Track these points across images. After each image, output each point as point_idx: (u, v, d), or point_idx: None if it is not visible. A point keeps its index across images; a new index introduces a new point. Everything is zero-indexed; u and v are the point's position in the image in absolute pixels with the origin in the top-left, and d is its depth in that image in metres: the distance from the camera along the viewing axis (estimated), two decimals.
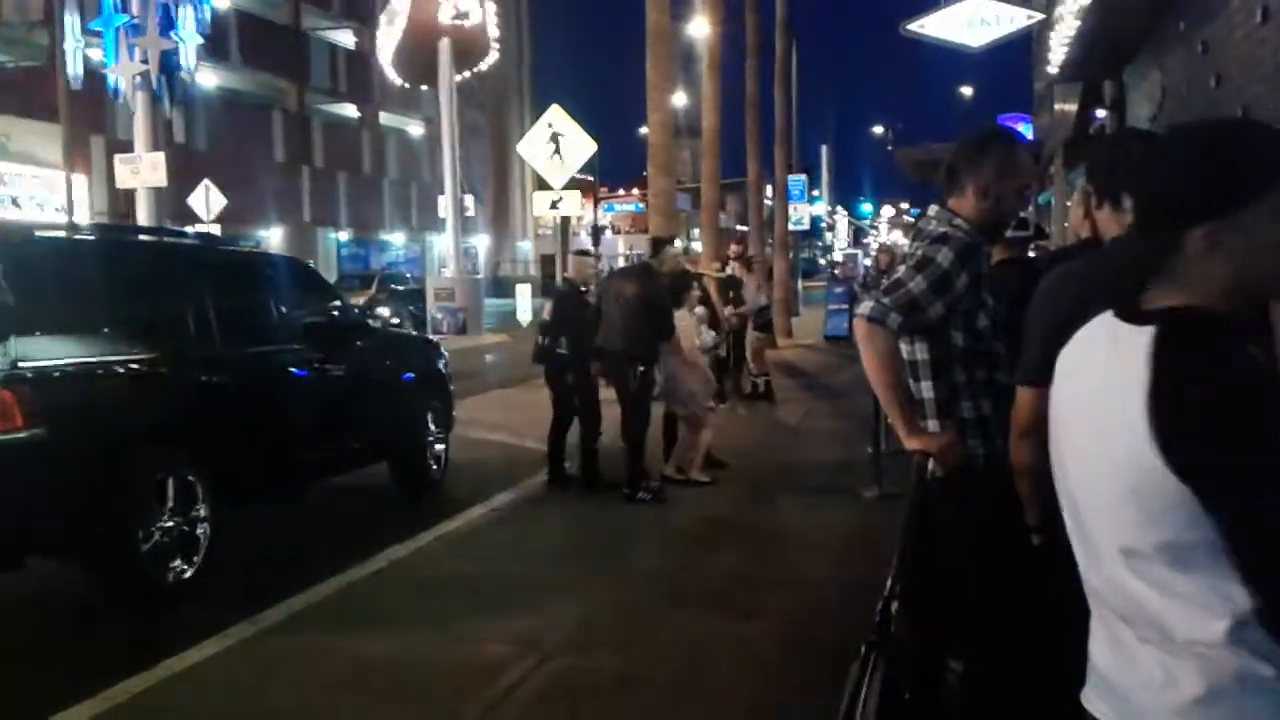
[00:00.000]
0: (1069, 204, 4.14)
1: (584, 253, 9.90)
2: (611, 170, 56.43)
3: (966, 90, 51.34)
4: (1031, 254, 4.97)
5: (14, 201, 24.65)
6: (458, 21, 25.75)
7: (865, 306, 3.12)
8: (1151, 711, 1.45)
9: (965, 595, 3.13)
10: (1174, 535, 1.38)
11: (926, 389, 3.21)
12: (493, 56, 28.35)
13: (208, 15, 16.14)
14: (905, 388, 3.18)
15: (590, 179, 41.94)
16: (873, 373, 3.11)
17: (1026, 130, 19.99)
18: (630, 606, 5.59)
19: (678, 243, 10.73)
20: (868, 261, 11.37)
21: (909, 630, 3.21)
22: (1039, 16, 14.55)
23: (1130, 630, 1.48)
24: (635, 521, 7.48)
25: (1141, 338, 1.43)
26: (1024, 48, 19.81)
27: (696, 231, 32.66)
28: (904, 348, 3.22)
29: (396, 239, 46.80)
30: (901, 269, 3.23)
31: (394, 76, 28.32)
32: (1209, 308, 1.45)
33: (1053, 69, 11.78)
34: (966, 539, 3.14)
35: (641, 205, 53.57)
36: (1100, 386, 1.47)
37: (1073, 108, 14.29)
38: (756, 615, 5.37)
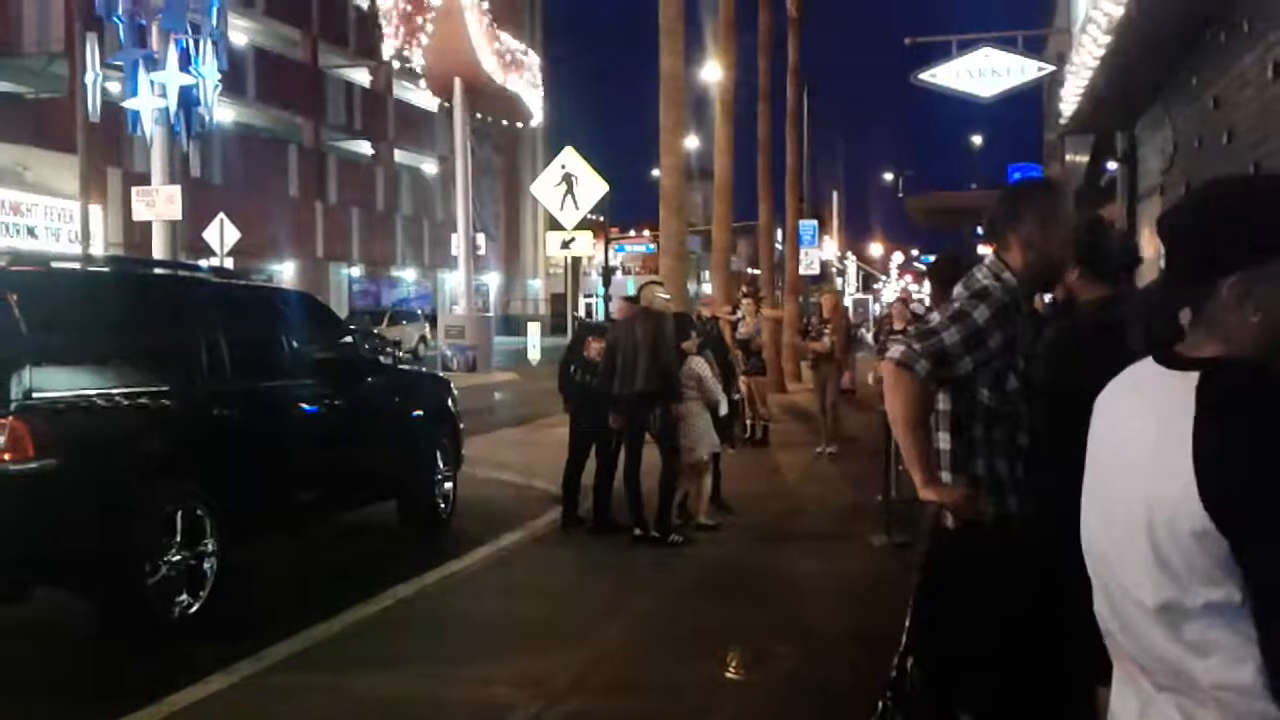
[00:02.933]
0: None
1: (631, 299, 9.68)
2: (623, 211, 56.69)
3: (977, 139, 51.67)
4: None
5: (30, 231, 24.81)
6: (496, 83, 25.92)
7: (896, 351, 3.08)
8: None
9: (974, 651, 3.11)
10: (1214, 587, 1.37)
11: (944, 440, 3.19)
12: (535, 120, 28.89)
13: (226, 52, 16.32)
14: (928, 436, 3.15)
15: (601, 219, 42.16)
16: (896, 418, 3.08)
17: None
18: (638, 651, 5.55)
19: (690, 284, 10.77)
20: (878, 308, 11.29)
21: (925, 687, 3.19)
22: (1050, 69, 14.66)
23: (1148, 679, 1.47)
24: (644, 565, 7.44)
25: (1185, 383, 1.43)
26: (1035, 98, 19.96)
27: (707, 274, 32.73)
28: None
29: (408, 275, 46.99)
30: (936, 316, 3.22)
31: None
32: (1248, 357, 1.46)
33: (1064, 120, 11.84)
34: (973, 596, 3.12)
35: (652, 246, 53.77)
36: (1140, 432, 1.47)
37: (1084, 159, 14.37)
38: (764, 663, 5.32)
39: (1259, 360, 1.45)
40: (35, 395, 5.22)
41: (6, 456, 5.04)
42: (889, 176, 64.33)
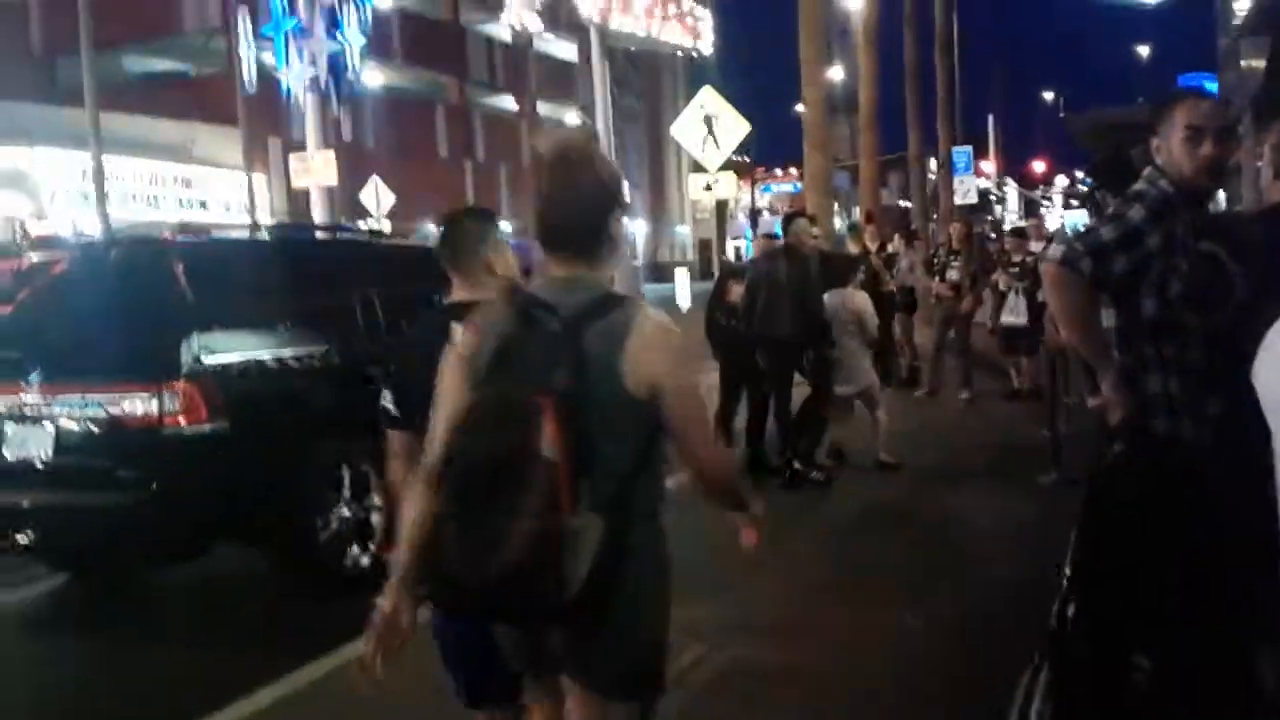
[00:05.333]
0: (1259, 165, 3.86)
1: (771, 236, 9.64)
2: (768, 150, 55.85)
3: (1143, 49, 48.63)
4: None
5: (202, 204, 26.12)
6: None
7: (1055, 250, 3.01)
8: None
9: (1147, 586, 2.92)
10: None
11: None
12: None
13: (369, 16, 16.68)
14: (1102, 332, 3.02)
15: (747, 159, 41.65)
16: (1065, 319, 3.01)
17: (1212, 88, 18.80)
18: (794, 597, 5.48)
19: (837, 220, 10.53)
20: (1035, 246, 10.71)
21: (1087, 632, 3.02)
22: None
23: None
24: (799, 508, 7.34)
25: None
26: (1206, 1, 18.62)
27: (857, 210, 31.99)
28: None
29: None
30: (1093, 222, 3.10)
31: None
32: None
33: (1238, 22, 10.98)
34: (1145, 525, 2.93)
35: (799, 185, 52.97)
36: None
37: (1261, 63, 13.34)
38: (924, 607, 5.19)
39: None
40: (204, 360, 5.46)
41: (181, 419, 5.30)
42: (1049, 95, 61.34)
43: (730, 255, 46.20)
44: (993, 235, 27.14)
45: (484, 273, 2.99)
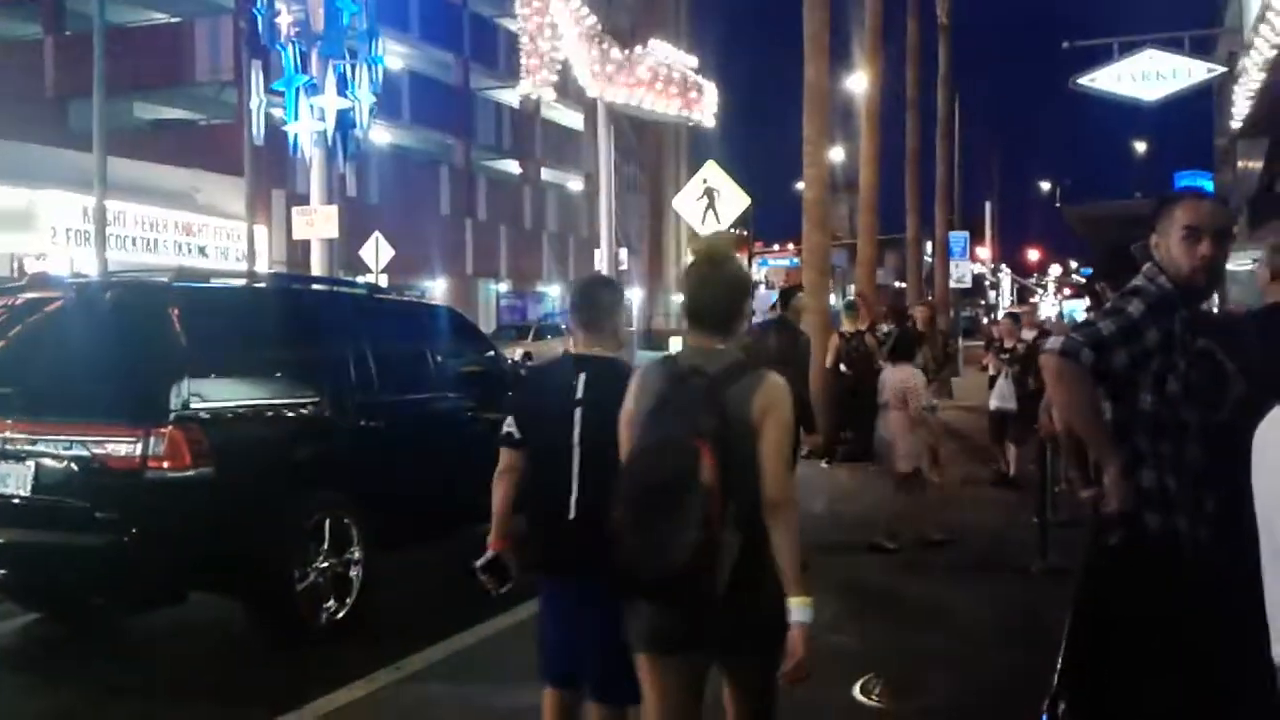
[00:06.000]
0: (1253, 266, 3.93)
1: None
2: (767, 224, 56.40)
3: (1140, 145, 49.40)
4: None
5: (201, 250, 26.19)
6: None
7: (1055, 341, 3.04)
8: None
9: (1141, 685, 2.88)
10: None
11: None
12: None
13: (381, 76, 16.90)
14: (1105, 422, 3.01)
15: (745, 233, 42.00)
16: (1068, 407, 3.02)
17: (1208, 186, 19.08)
18: None
19: (832, 297, 10.56)
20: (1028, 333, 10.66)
21: None
22: (1220, 70, 13.90)
23: None
24: None
25: None
26: (1203, 101, 18.97)
27: (851, 288, 32.22)
28: None
29: (553, 291, 47.78)
30: (1091, 314, 3.12)
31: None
32: None
33: (1236, 123, 11.17)
34: (1139, 623, 2.90)
35: (796, 260, 53.37)
36: None
37: (1258, 164, 13.55)
38: (910, 695, 5.10)
39: None
40: (193, 405, 5.43)
41: (165, 464, 5.26)
42: (1046, 185, 62.11)
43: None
44: (984, 319, 27.18)
45: (609, 335, 3.64)
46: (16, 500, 5.45)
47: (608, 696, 3.43)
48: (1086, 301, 24.31)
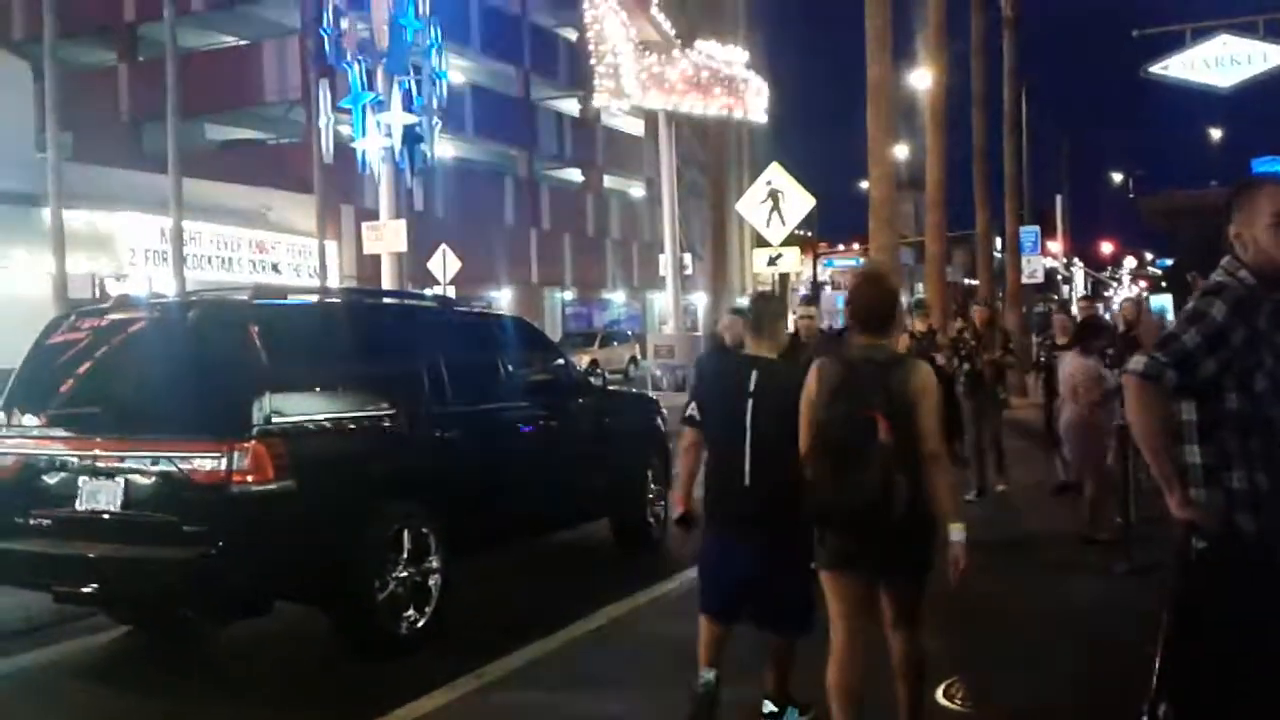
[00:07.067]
0: None
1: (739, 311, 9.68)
2: (832, 224, 55.86)
3: (1216, 133, 48.12)
4: None
5: (274, 267, 26.74)
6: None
7: (1138, 362, 2.93)
8: None
9: (1245, 692, 2.80)
10: None
11: (1193, 453, 2.94)
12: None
13: (445, 91, 17.12)
14: (1169, 453, 2.95)
15: (809, 234, 41.72)
16: (1143, 434, 2.93)
17: None
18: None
19: (902, 296, 10.28)
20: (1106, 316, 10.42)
21: None
22: None
23: None
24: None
25: None
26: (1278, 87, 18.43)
27: (920, 286, 31.84)
28: None
29: (618, 297, 47.90)
30: (1172, 321, 3.02)
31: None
32: None
33: None
34: (1239, 629, 2.82)
35: (862, 260, 52.85)
36: None
37: None
38: (994, 698, 5.02)
39: None
40: (274, 420, 5.54)
41: (250, 478, 5.37)
42: (1118, 176, 60.79)
43: (790, 328, 46.00)
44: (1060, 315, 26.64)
45: (772, 338, 4.57)
46: (107, 516, 5.61)
47: (783, 629, 4.42)
48: (1170, 297, 23.69)
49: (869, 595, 3.93)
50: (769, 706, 4.55)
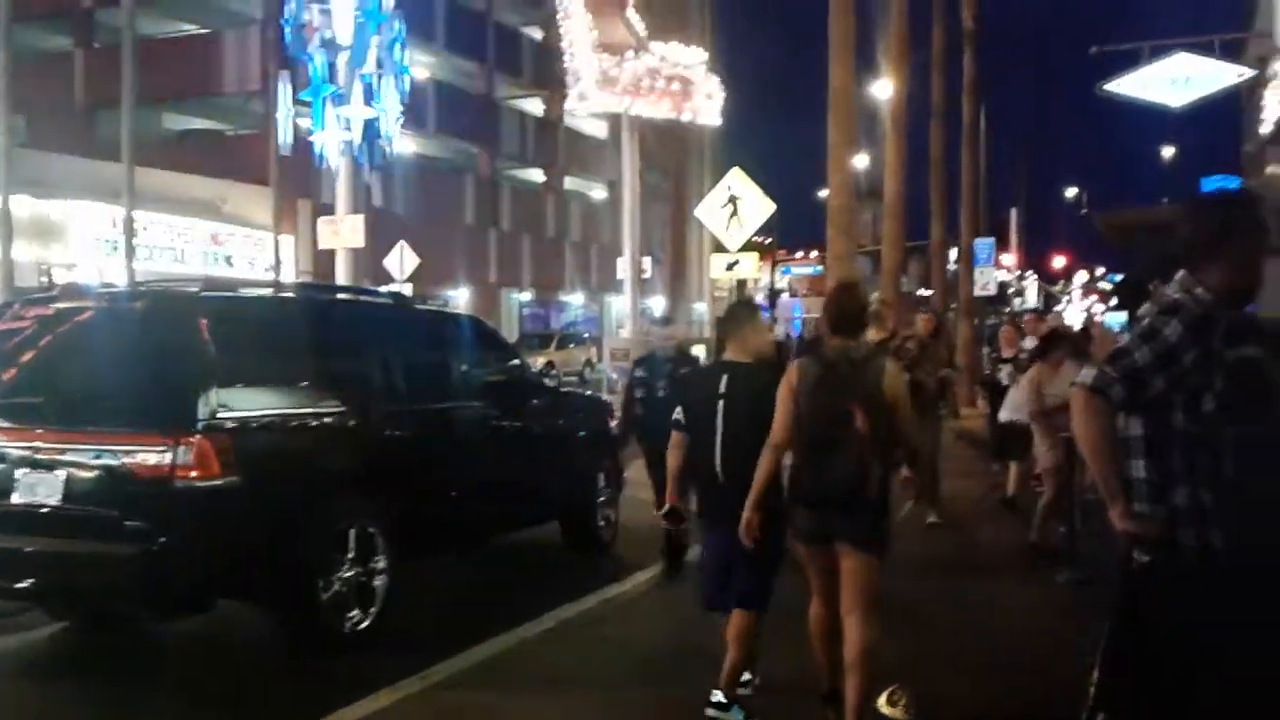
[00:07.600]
0: None
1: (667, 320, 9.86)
2: (791, 232, 56.17)
3: (1167, 151, 48.97)
4: None
5: (228, 260, 26.39)
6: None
7: (1087, 375, 2.95)
8: None
9: (1179, 710, 2.83)
10: None
11: (1140, 468, 2.97)
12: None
13: (407, 86, 16.97)
14: (1116, 466, 2.96)
15: (768, 241, 41.90)
16: (1089, 447, 2.94)
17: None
18: (798, 681, 5.36)
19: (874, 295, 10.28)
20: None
21: None
22: (1250, 74, 13.78)
23: None
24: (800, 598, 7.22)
25: None
26: (1232, 106, 18.79)
27: (875, 295, 32.01)
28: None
29: (576, 299, 47.82)
30: (1126, 337, 3.04)
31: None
32: None
33: (1266, 128, 11.06)
34: (1178, 642, 2.86)
35: (820, 268, 53.14)
36: None
37: None
38: (935, 706, 5.06)
39: None
40: (221, 415, 5.46)
41: (194, 473, 5.29)
42: (1072, 191, 61.63)
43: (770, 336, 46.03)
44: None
45: (744, 343, 4.92)
46: (46, 509, 5.50)
47: (746, 605, 4.75)
48: (1127, 314, 23.90)
49: (837, 568, 4.36)
50: (717, 695, 4.71)
